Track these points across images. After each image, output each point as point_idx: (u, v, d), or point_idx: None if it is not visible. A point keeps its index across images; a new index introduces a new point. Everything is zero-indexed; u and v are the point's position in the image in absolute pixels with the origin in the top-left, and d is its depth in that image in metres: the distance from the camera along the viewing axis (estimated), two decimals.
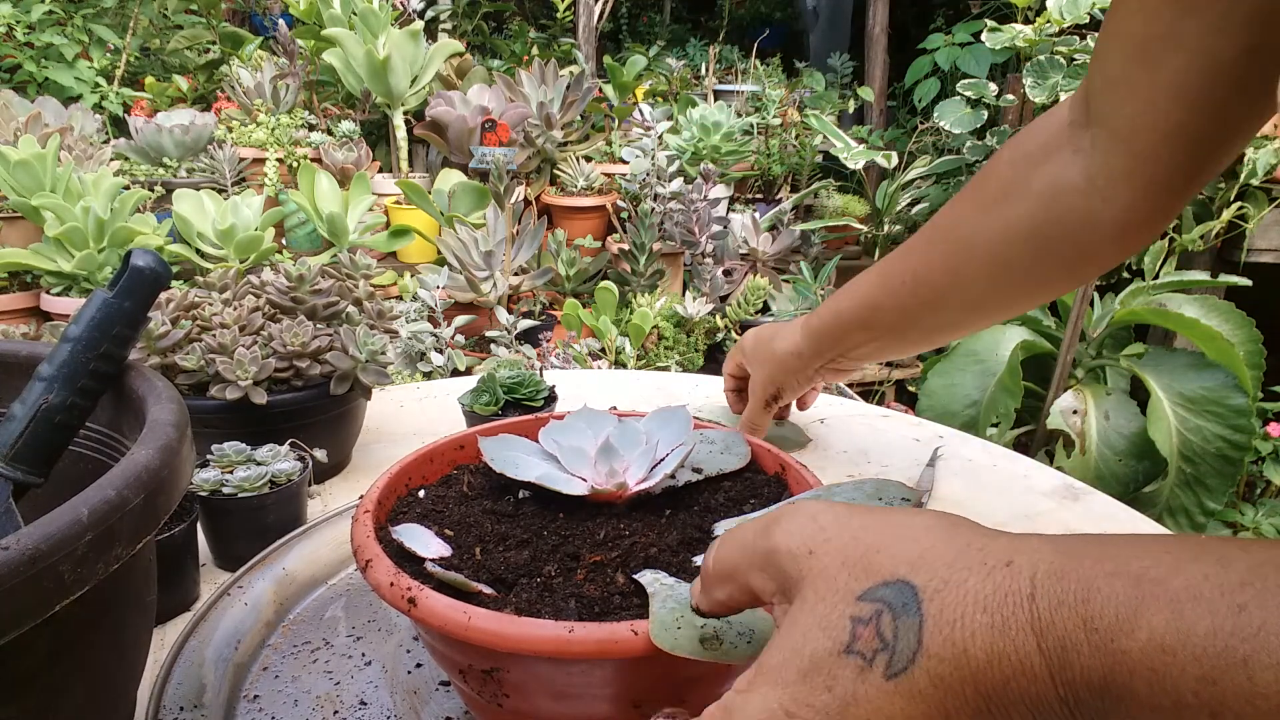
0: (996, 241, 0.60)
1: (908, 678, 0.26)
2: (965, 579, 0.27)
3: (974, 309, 0.66)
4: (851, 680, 0.27)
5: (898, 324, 0.69)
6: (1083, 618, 0.25)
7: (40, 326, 1.03)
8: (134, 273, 0.45)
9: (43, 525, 0.30)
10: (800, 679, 0.28)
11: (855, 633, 0.28)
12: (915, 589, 0.28)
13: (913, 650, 0.27)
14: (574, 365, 1.91)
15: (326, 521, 0.66)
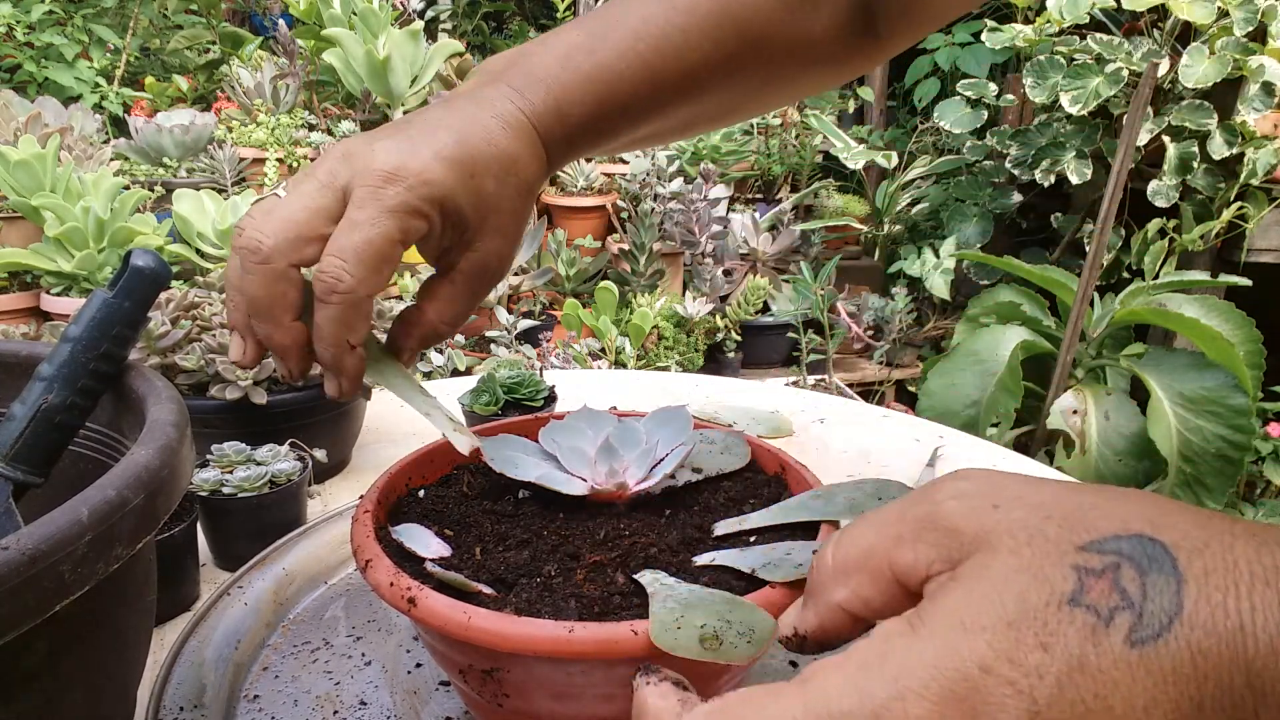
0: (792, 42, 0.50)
1: (1161, 647, 0.21)
2: (1231, 544, 0.22)
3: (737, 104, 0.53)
4: (1079, 639, 0.21)
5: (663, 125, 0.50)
6: None
7: (40, 326, 1.03)
8: (134, 273, 0.45)
9: (43, 525, 0.30)
10: (1005, 628, 0.22)
11: (1084, 583, 0.22)
12: (1164, 544, 0.22)
13: (1170, 613, 0.21)
14: (574, 365, 1.91)
15: (326, 521, 0.66)
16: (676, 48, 0.47)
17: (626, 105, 0.47)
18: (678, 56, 0.47)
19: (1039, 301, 2.32)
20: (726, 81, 0.50)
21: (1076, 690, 0.21)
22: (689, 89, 0.49)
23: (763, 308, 2.48)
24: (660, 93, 0.48)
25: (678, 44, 0.47)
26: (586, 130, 0.47)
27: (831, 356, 2.28)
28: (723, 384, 1.11)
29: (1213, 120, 2.35)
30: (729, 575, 0.42)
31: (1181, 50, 2.37)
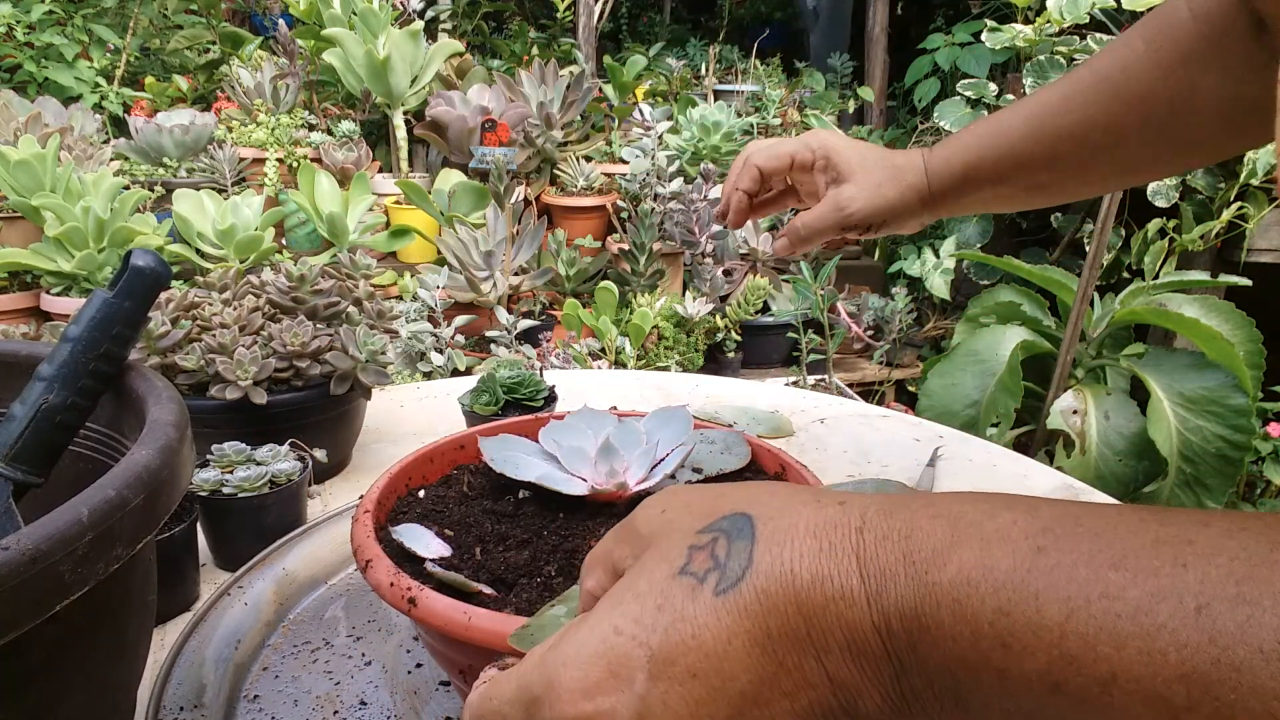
0: (1175, 103, 0.54)
1: (736, 594, 0.27)
2: (799, 510, 0.29)
3: (1126, 170, 0.61)
4: (682, 598, 0.28)
5: (1037, 182, 0.62)
6: (903, 551, 0.26)
7: (40, 326, 1.03)
8: (134, 273, 0.45)
9: (43, 525, 0.30)
10: (634, 599, 0.29)
11: (690, 556, 0.29)
12: (751, 517, 0.29)
13: (743, 568, 0.27)
14: (574, 365, 1.91)
15: (326, 521, 0.66)
16: (1055, 106, 0.59)
17: (1009, 150, 0.61)
18: (1057, 114, 0.59)
19: (1039, 301, 2.32)
20: (1121, 142, 0.57)
21: (679, 634, 0.27)
22: (1074, 146, 0.59)
23: (763, 308, 2.47)
24: (1042, 145, 0.60)
25: (1056, 104, 0.59)
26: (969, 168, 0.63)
27: (831, 356, 2.28)
28: (723, 384, 1.11)
29: None
30: None
31: None
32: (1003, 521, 0.26)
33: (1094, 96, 0.58)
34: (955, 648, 0.25)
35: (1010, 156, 0.61)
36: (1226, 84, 0.52)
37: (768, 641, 0.27)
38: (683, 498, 0.32)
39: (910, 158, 0.65)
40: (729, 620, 0.27)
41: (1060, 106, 0.59)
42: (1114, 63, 0.57)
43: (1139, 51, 0.55)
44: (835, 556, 0.27)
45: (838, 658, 0.26)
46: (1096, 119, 0.58)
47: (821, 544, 0.27)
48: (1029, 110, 0.61)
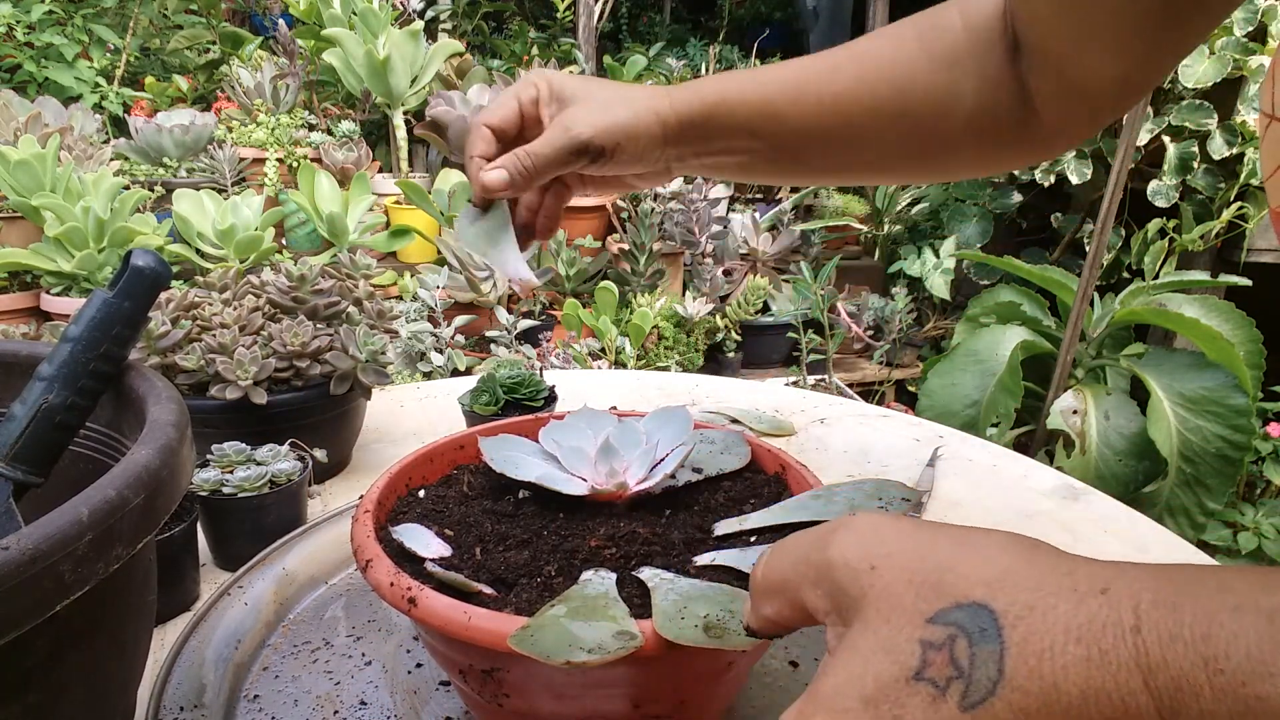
0: (935, 101, 0.53)
1: (987, 709, 0.24)
2: (1053, 605, 0.25)
3: (876, 159, 0.58)
4: (923, 709, 0.25)
5: (787, 144, 0.57)
6: (1203, 656, 0.22)
7: (40, 326, 1.03)
8: (134, 273, 0.45)
9: (43, 525, 0.30)
10: (863, 706, 0.26)
11: (926, 658, 0.25)
12: (994, 613, 0.25)
13: (993, 680, 0.24)
14: (574, 365, 1.91)
15: (326, 521, 0.66)
16: (822, 71, 0.55)
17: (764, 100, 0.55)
18: (822, 79, 0.55)
19: (1039, 301, 2.32)
20: (877, 126, 0.55)
21: None
22: (830, 116, 0.55)
23: (763, 308, 2.48)
24: (799, 106, 0.55)
25: (823, 69, 0.55)
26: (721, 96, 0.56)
27: (831, 356, 2.28)
28: (723, 384, 1.11)
29: (1213, 120, 2.35)
30: (729, 575, 0.42)
31: None
32: None
33: (861, 72, 0.55)
34: None
35: (764, 107, 0.55)
36: (982, 96, 0.52)
37: None
38: (890, 548, 0.28)
39: (653, 89, 0.58)
40: None
41: (827, 73, 0.55)
42: (885, 46, 0.55)
43: (910, 42, 0.54)
44: (1110, 667, 0.23)
45: None
46: (860, 95, 0.55)
47: (1090, 651, 0.23)
48: (794, 69, 0.56)
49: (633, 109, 0.55)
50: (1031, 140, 0.54)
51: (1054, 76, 0.49)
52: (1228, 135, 2.37)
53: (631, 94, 0.56)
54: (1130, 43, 0.45)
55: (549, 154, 0.55)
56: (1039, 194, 2.81)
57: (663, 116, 0.55)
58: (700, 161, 0.58)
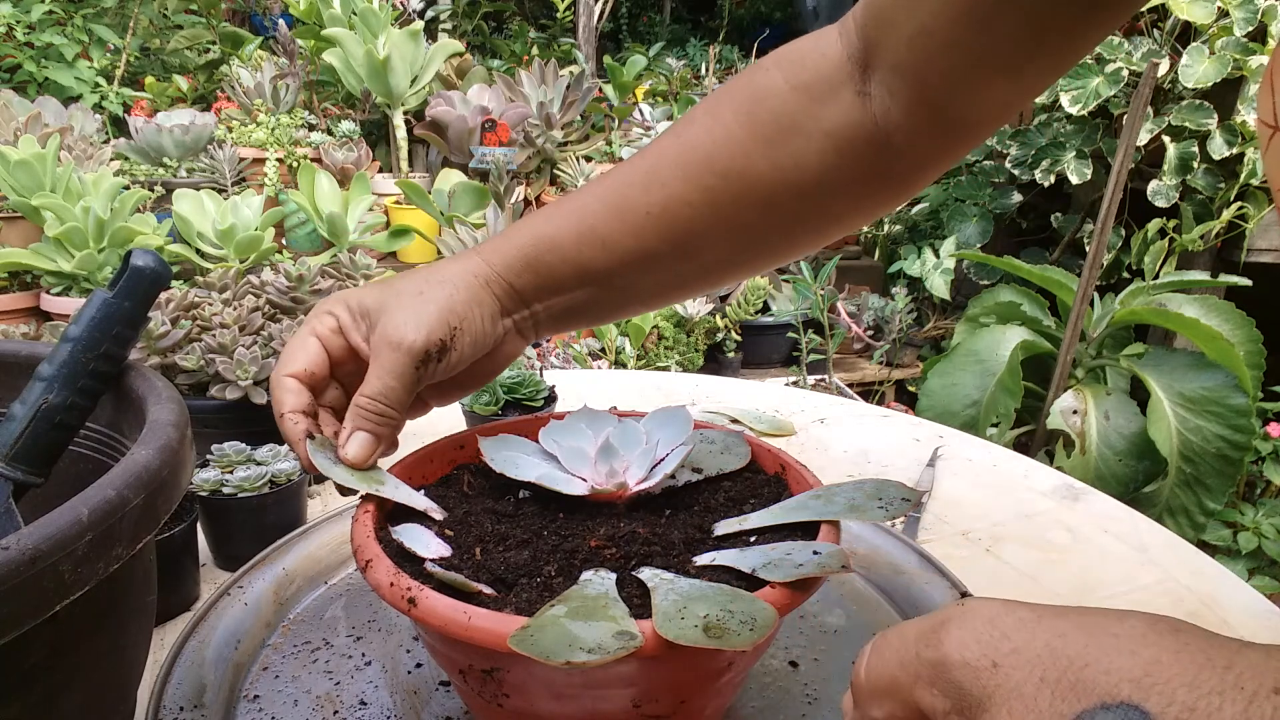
0: (781, 181, 0.48)
1: None
2: (1218, 706, 0.22)
3: (733, 258, 0.52)
4: None
5: (630, 269, 0.51)
6: None
7: (40, 326, 1.03)
8: (134, 273, 0.45)
9: (43, 525, 0.30)
10: None
11: None
12: (1148, 715, 0.23)
13: None
14: (574, 365, 1.91)
15: (326, 521, 0.66)
16: (637, 183, 0.49)
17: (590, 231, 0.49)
18: (642, 190, 0.49)
19: (1039, 301, 2.32)
20: (719, 226, 0.50)
21: None
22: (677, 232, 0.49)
23: (763, 308, 2.48)
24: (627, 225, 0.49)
25: (638, 180, 0.49)
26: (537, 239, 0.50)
27: (831, 356, 2.28)
28: (723, 384, 1.11)
29: (1213, 120, 2.35)
30: (729, 575, 0.42)
31: (1181, 50, 2.37)
32: None
33: (684, 170, 0.49)
34: None
35: (587, 236, 0.49)
36: (828, 155, 0.48)
37: None
38: (1015, 643, 0.26)
39: (462, 256, 0.51)
40: None
41: (646, 182, 0.49)
42: (702, 134, 0.49)
43: (729, 123, 0.49)
44: None
45: None
46: (689, 195, 0.49)
47: None
48: (611, 185, 0.50)
49: (449, 286, 0.48)
50: (899, 180, 0.50)
51: (928, 112, 0.46)
52: (1228, 135, 2.37)
53: (440, 273, 0.49)
54: (1027, 66, 0.42)
55: (395, 383, 0.47)
56: (1039, 194, 2.81)
57: (484, 278, 0.50)
58: (551, 315, 0.52)
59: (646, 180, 0.49)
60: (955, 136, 0.47)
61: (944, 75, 0.43)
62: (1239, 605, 0.63)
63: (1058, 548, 0.72)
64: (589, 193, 0.50)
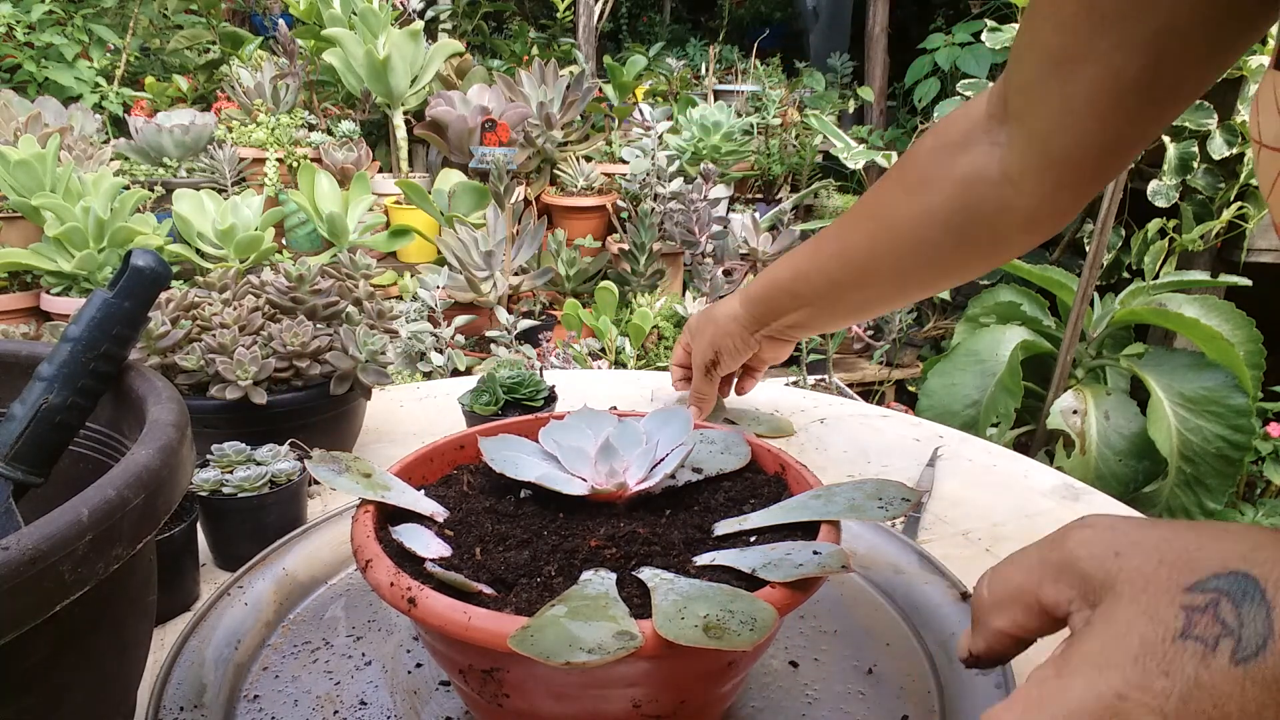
0: (917, 224, 0.63)
1: (1260, 663, 0.25)
2: None
3: (895, 286, 0.69)
4: (1194, 665, 0.26)
5: (825, 296, 0.72)
6: None
7: (40, 326, 1.03)
8: (134, 273, 0.45)
9: (43, 525, 0.30)
10: (1132, 663, 0.27)
11: (1190, 619, 0.27)
12: (1255, 579, 0.26)
13: (1263, 636, 0.25)
14: (574, 365, 1.91)
15: (326, 521, 0.66)
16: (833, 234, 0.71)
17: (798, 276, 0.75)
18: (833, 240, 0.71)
19: (1039, 301, 2.32)
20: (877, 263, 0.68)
21: (1198, 703, 0.26)
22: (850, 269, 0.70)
23: None
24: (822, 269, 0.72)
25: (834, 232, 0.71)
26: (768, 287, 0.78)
27: (831, 356, 2.27)
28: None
29: (1213, 120, 2.35)
30: (729, 575, 0.42)
31: None
32: None
33: (852, 219, 0.69)
34: None
35: (800, 277, 0.73)
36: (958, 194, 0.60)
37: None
38: (1134, 538, 0.30)
39: (738, 301, 0.81)
40: (1255, 691, 0.25)
41: (834, 231, 0.70)
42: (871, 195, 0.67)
43: (890, 181, 0.65)
44: None
45: None
46: (859, 243, 0.68)
47: None
48: (818, 236, 0.71)
49: (713, 325, 0.82)
50: (1017, 227, 0.60)
51: (1039, 152, 0.54)
52: (1228, 135, 2.37)
53: (715, 313, 0.83)
54: (1111, 114, 0.49)
55: (701, 382, 0.85)
56: None
57: (735, 316, 0.80)
58: (783, 328, 0.79)
59: (836, 232, 0.70)
60: (1062, 177, 0.55)
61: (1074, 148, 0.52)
62: None
63: None
64: (802, 250, 0.73)
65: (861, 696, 0.51)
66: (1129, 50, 0.45)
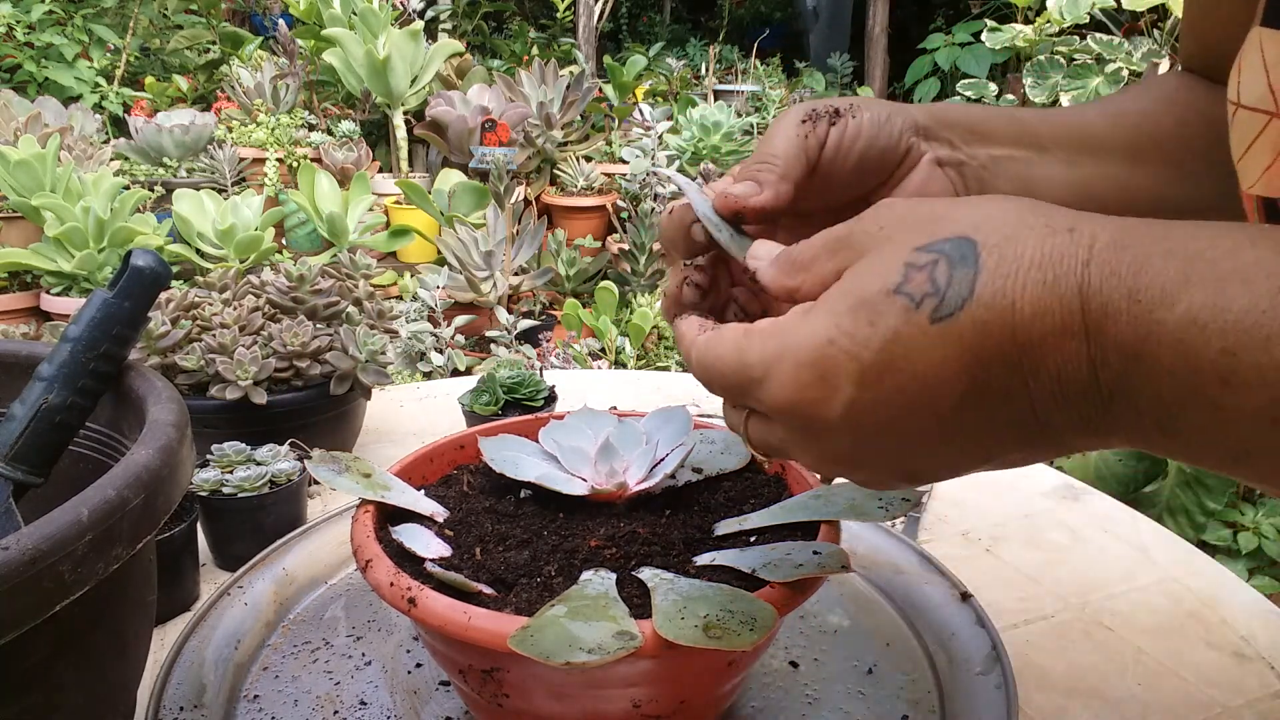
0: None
1: (953, 322, 0.27)
2: (1025, 237, 0.28)
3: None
4: (896, 317, 0.28)
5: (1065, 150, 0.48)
6: (1130, 288, 0.26)
7: (40, 326, 1.03)
8: (134, 273, 0.45)
9: (43, 525, 0.30)
10: (848, 311, 0.29)
11: (908, 275, 0.28)
12: (975, 243, 0.28)
13: (963, 298, 0.27)
14: (574, 365, 1.91)
15: (326, 521, 0.66)
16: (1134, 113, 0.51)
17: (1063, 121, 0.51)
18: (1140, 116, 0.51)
19: None
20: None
21: (891, 353, 0.28)
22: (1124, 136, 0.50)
23: None
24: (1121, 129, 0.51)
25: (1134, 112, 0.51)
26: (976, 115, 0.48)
27: None
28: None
29: None
30: (729, 575, 0.42)
31: None
32: (1245, 260, 0.25)
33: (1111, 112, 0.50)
34: (1171, 383, 0.25)
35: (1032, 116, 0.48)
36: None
37: (977, 367, 0.27)
38: (899, 211, 0.31)
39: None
40: (942, 349, 0.27)
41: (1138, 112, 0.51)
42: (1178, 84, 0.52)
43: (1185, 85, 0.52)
44: (1059, 290, 0.26)
45: (1046, 383, 0.27)
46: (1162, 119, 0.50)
47: (1046, 276, 0.27)
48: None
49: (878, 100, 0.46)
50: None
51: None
52: None
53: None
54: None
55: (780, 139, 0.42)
56: None
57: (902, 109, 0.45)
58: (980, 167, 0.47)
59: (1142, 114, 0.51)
60: None
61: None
62: (1239, 605, 0.63)
63: (1058, 547, 0.72)
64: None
65: (861, 696, 0.51)
66: None
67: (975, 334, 0.27)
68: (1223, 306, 0.24)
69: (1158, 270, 0.26)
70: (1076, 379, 0.27)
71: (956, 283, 0.27)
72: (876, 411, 0.29)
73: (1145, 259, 0.26)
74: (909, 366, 0.28)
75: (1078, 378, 0.27)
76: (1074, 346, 0.26)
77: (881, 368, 0.28)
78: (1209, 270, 0.25)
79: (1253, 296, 0.24)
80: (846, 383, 0.29)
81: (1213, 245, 0.26)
